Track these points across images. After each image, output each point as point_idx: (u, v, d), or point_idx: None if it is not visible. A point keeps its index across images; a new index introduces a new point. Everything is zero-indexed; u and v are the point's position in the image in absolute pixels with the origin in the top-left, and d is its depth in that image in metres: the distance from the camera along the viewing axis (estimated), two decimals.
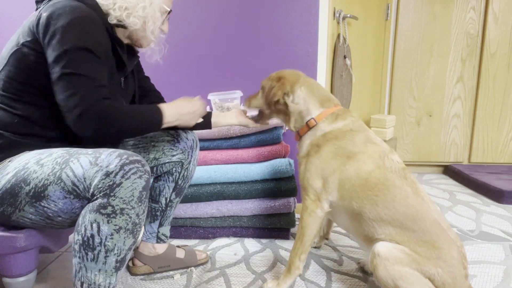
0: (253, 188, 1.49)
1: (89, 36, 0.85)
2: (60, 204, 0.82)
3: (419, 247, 0.91)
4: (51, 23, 0.83)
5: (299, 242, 1.09)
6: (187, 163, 1.23)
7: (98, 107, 0.82)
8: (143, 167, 0.84)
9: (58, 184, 0.80)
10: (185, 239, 1.56)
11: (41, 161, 0.84)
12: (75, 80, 0.82)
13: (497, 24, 2.29)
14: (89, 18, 0.87)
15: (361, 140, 1.04)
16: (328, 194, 1.05)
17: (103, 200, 0.78)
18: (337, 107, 1.13)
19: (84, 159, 0.81)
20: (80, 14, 0.85)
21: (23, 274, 0.92)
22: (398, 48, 2.45)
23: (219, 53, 1.76)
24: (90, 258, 0.80)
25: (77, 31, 0.83)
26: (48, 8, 0.85)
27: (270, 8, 1.68)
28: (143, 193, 0.83)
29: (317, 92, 1.14)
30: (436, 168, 2.62)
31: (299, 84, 1.13)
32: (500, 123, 2.41)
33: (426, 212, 0.94)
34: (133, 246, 0.85)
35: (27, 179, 0.82)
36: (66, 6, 0.85)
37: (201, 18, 1.74)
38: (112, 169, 0.79)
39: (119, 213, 0.79)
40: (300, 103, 1.12)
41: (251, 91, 1.75)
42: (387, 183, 0.97)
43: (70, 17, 0.83)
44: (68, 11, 0.84)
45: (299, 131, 1.15)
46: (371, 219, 0.98)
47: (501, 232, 1.57)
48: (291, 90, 1.12)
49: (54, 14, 0.83)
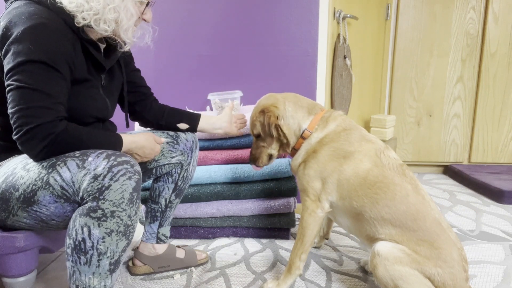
0: (253, 188, 1.48)
1: (46, 47, 0.79)
2: (51, 208, 0.81)
3: (419, 246, 0.91)
4: (7, 34, 0.79)
5: (299, 242, 1.09)
6: (186, 164, 1.23)
7: (50, 128, 0.78)
8: (133, 167, 0.82)
9: (46, 189, 0.79)
10: (185, 239, 1.56)
11: (27, 166, 0.83)
12: (27, 95, 0.77)
13: (497, 24, 2.29)
14: (47, 26, 0.80)
15: (356, 139, 1.05)
16: (328, 195, 1.05)
17: (93, 203, 0.77)
18: (323, 111, 1.13)
19: (71, 162, 0.79)
20: (37, 21, 0.79)
21: (23, 274, 0.92)
22: (398, 48, 2.45)
23: (219, 53, 1.76)
24: (83, 262, 0.79)
25: (32, 42, 0.78)
26: (6, 16, 0.81)
27: (270, 8, 1.68)
28: (134, 194, 0.81)
29: (301, 103, 1.13)
30: (436, 168, 2.62)
31: (281, 102, 1.12)
32: (500, 123, 2.41)
33: (426, 211, 0.94)
34: (127, 248, 0.85)
35: (15, 185, 0.81)
36: (23, 13, 0.79)
37: (201, 18, 1.74)
38: (100, 172, 0.77)
39: (109, 216, 0.78)
40: (291, 121, 1.11)
41: (251, 91, 1.75)
42: (386, 181, 0.97)
43: (25, 26, 0.78)
44: (25, 19, 0.78)
45: (295, 146, 1.14)
46: (372, 218, 0.98)
47: (501, 232, 1.57)
48: (279, 112, 1.10)
49: (11, 23, 0.79)
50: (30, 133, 0.77)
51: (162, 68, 1.79)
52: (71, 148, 0.82)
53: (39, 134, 0.77)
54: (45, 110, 0.78)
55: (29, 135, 0.77)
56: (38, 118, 0.77)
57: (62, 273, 1.29)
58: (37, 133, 0.77)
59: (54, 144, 0.80)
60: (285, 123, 1.11)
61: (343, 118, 1.11)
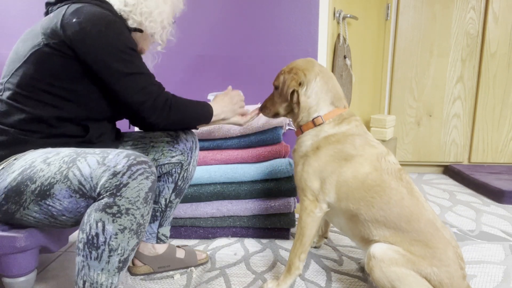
0: (253, 188, 1.48)
1: (128, 37, 0.93)
2: (65, 203, 0.82)
3: (413, 246, 0.91)
4: (87, 30, 0.86)
5: (298, 242, 1.09)
6: (186, 164, 1.23)
7: (164, 97, 0.96)
8: (150, 168, 0.84)
9: (64, 182, 0.81)
10: (185, 239, 1.56)
11: (48, 160, 0.84)
12: (136, 79, 0.91)
13: (497, 24, 2.29)
14: (120, 22, 0.93)
15: (361, 144, 1.04)
16: (326, 195, 1.05)
17: (109, 199, 0.79)
18: (345, 109, 1.10)
19: (91, 159, 0.82)
20: (111, 19, 0.90)
21: (23, 274, 0.92)
22: (398, 48, 2.45)
23: (219, 53, 1.76)
24: (93, 256, 0.80)
25: (118, 34, 0.89)
26: (75, 14, 0.87)
27: (270, 8, 1.68)
28: (149, 194, 0.84)
29: (331, 87, 1.09)
30: (436, 168, 2.62)
31: (314, 73, 1.07)
32: (500, 123, 2.41)
33: (420, 212, 0.94)
34: (136, 247, 0.86)
35: (33, 178, 0.82)
36: (93, 13, 0.88)
37: (201, 18, 1.74)
38: (119, 169, 0.79)
39: (124, 213, 0.80)
40: (312, 97, 1.07)
41: (251, 91, 1.75)
42: (383, 185, 0.97)
43: (104, 22, 0.88)
44: (99, 17, 0.88)
45: (303, 126, 1.11)
46: (367, 220, 0.98)
47: (501, 232, 1.57)
48: (305, 80, 1.06)
49: (87, 20, 0.86)
50: (152, 107, 0.93)
51: (162, 68, 1.79)
52: (183, 113, 1.01)
53: (160, 105, 0.94)
54: (155, 87, 0.95)
55: (152, 109, 0.93)
56: (154, 93, 0.93)
57: (62, 273, 1.29)
58: (158, 105, 0.94)
59: (172, 108, 0.97)
60: (305, 94, 1.07)
61: (357, 123, 1.08)
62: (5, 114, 0.90)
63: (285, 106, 1.13)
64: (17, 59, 0.91)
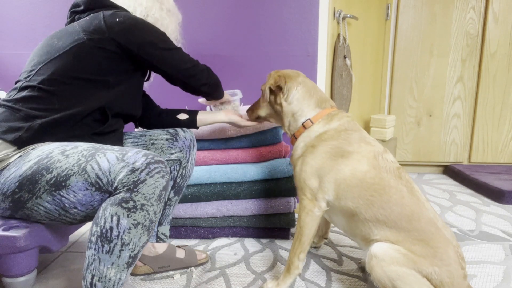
0: (253, 188, 1.49)
1: (159, 29, 1.07)
2: (79, 195, 0.83)
3: (414, 246, 0.91)
4: (132, 24, 0.98)
5: (297, 241, 1.09)
6: (185, 162, 1.24)
7: (204, 65, 1.16)
8: (166, 168, 0.88)
9: (81, 175, 0.82)
10: (185, 239, 1.56)
11: (66, 152, 0.86)
12: (180, 51, 1.08)
13: (497, 24, 2.29)
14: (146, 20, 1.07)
15: (356, 140, 1.04)
16: (324, 193, 1.04)
17: (126, 194, 0.80)
18: (333, 109, 1.13)
19: (111, 155, 0.84)
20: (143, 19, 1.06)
21: (23, 274, 0.92)
22: (398, 48, 2.45)
23: (219, 53, 1.76)
24: (105, 250, 0.82)
25: (154, 26, 1.05)
26: (115, 16, 0.98)
27: (270, 8, 1.68)
28: (163, 192, 0.87)
29: (314, 93, 1.14)
30: (436, 168, 2.62)
31: (296, 82, 1.13)
32: (500, 123, 2.41)
33: (421, 211, 0.94)
34: (145, 245, 0.87)
35: (50, 168, 0.83)
36: (129, 15, 1.01)
37: (201, 18, 1.74)
38: (138, 166, 0.82)
39: (139, 209, 0.82)
40: (294, 103, 1.12)
41: (251, 91, 1.75)
42: (383, 183, 0.97)
43: (141, 19, 1.02)
44: (135, 17, 1.01)
45: (295, 133, 1.14)
46: (367, 219, 0.98)
47: (501, 232, 1.57)
48: (286, 87, 1.12)
49: (128, 18, 0.98)
50: (201, 70, 1.13)
51: None
52: (213, 76, 1.19)
53: (204, 67, 1.15)
54: (192, 58, 1.12)
55: (201, 71, 1.14)
56: (195, 60, 1.13)
57: (62, 273, 1.29)
58: (203, 67, 1.15)
59: (210, 71, 1.18)
60: (286, 100, 1.13)
61: (348, 119, 1.10)
62: (34, 100, 0.92)
63: (264, 107, 1.19)
64: (52, 51, 0.96)
